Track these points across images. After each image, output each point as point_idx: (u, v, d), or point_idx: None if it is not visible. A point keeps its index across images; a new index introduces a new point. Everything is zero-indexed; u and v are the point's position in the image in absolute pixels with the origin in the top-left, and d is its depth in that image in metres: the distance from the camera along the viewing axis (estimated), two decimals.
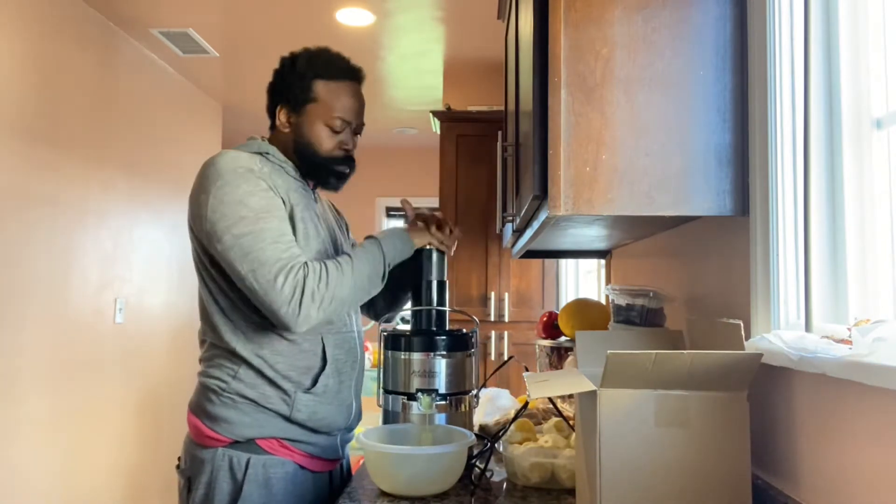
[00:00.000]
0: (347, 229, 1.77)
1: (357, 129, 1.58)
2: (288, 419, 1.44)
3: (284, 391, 1.44)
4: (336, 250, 1.58)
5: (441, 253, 1.62)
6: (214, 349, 1.48)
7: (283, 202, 1.44)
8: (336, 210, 1.77)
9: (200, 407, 1.46)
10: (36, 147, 2.98)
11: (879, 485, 0.82)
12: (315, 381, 1.46)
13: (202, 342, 1.53)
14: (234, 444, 1.43)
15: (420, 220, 1.64)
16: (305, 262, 1.39)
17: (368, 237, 1.55)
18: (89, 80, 3.37)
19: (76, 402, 3.25)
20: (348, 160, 1.57)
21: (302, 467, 1.47)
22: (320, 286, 1.38)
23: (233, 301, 1.45)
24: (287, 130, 1.55)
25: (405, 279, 1.64)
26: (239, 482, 1.41)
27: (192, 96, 4.53)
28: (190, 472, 1.46)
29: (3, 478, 2.78)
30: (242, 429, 1.42)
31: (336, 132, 1.53)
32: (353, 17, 3.39)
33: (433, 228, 1.61)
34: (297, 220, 1.46)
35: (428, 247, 1.61)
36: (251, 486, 1.40)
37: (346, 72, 1.55)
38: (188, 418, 1.49)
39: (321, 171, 1.55)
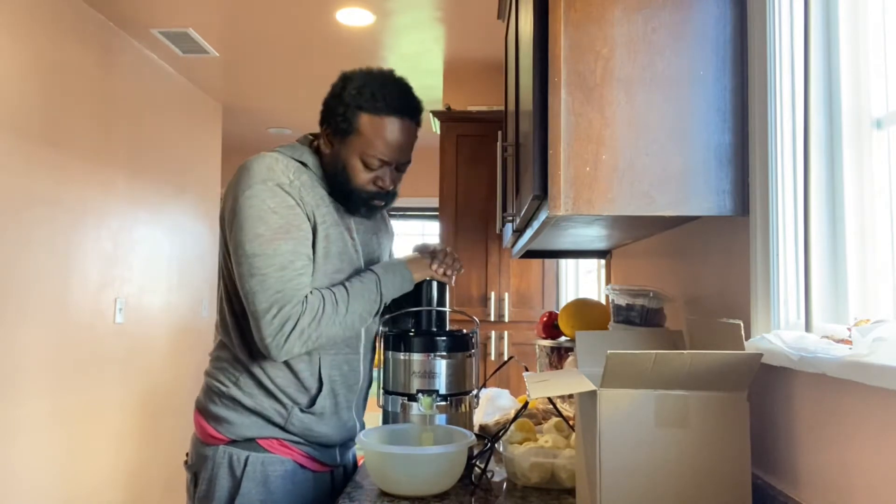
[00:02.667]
0: (392, 237, 1.73)
1: (400, 167, 1.52)
2: (283, 429, 1.45)
3: (282, 404, 1.45)
4: (367, 266, 1.53)
5: (442, 285, 1.61)
6: (223, 350, 1.50)
7: (308, 218, 1.42)
8: (385, 218, 1.71)
9: (204, 406, 1.49)
10: (36, 147, 2.98)
11: (879, 485, 0.82)
12: (313, 402, 1.46)
13: (215, 337, 1.55)
14: (235, 442, 1.45)
15: (425, 253, 1.60)
16: (306, 296, 1.38)
17: (368, 269, 1.51)
18: (89, 80, 3.37)
19: (76, 402, 3.25)
20: (383, 195, 1.51)
21: (302, 466, 1.48)
22: (311, 324, 1.37)
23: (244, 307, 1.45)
24: (327, 151, 1.50)
25: (404, 305, 1.62)
26: (237, 479, 1.43)
27: (192, 96, 4.52)
28: (195, 467, 1.49)
29: (3, 478, 2.77)
30: (242, 429, 1.45)
31: (372, 169, 1.47)
32: (353, 17, 3.39)
33: (434, 265, 1.57)
34: (319, 238, 1.44)
35: (428, 279, 1.59)
36: (249, 483, 1.42)
37: (395, 107, 1.46)
38: (194, 415, 1.52)
39: (350, 200, 1.50)
